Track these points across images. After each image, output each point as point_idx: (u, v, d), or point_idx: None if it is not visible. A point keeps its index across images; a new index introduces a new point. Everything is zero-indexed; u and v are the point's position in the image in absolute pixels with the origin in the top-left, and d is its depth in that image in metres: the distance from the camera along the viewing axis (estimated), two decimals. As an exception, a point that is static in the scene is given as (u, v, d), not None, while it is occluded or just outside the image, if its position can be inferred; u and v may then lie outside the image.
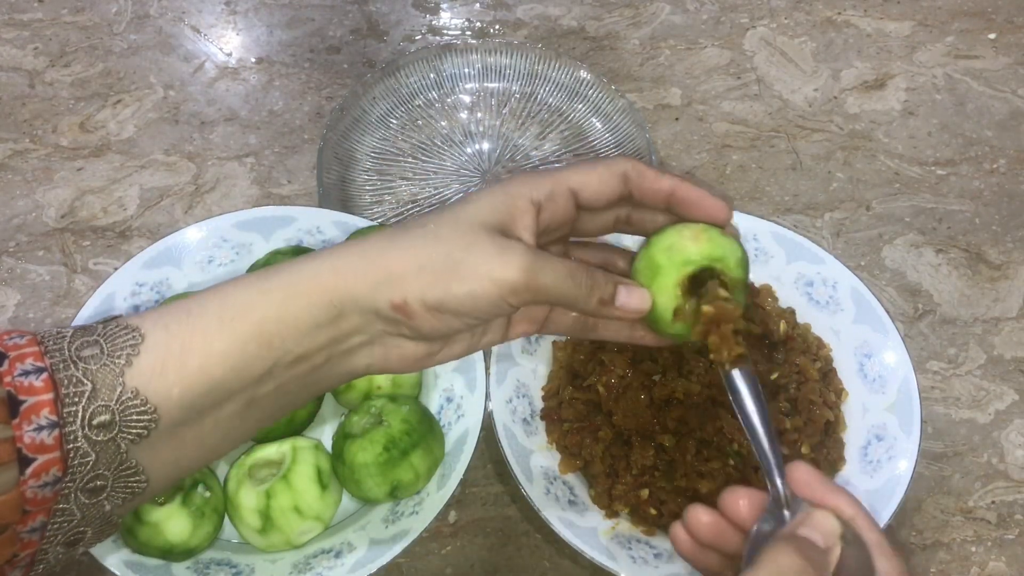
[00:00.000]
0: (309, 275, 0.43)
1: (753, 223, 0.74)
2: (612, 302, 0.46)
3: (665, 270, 0.46)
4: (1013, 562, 0.65)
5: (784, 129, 0.88)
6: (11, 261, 0.77)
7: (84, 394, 0.38)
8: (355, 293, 0.42)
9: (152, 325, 0.40)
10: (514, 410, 0.66)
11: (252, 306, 0.41)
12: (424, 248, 0.43)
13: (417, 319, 0.43)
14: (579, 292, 0.44)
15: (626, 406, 0.64)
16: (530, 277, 0.43)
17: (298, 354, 0.42)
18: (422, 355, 0.46)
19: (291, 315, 0.42)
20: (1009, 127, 0.88)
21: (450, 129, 0.86)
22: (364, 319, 0.43)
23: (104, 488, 0.39)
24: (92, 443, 0.38)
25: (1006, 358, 0.74)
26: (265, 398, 0.43)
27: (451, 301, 0.42)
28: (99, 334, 0.40)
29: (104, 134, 0.86)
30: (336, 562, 0.60)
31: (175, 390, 0.39)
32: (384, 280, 0.42)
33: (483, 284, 0.42)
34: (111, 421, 0.38)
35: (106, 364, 0.39)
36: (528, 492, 0.61)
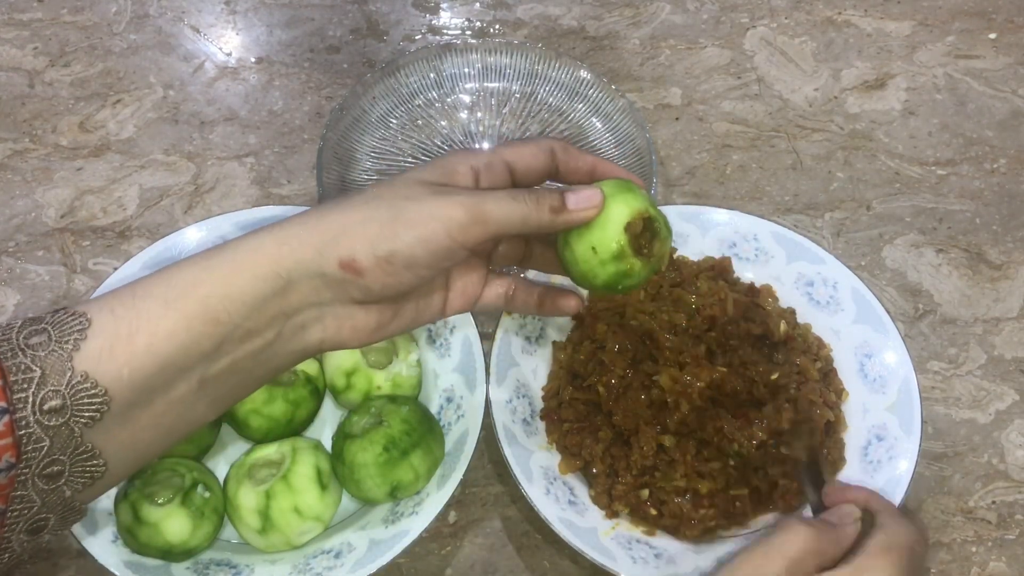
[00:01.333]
0: (252, 248, 0.43)
1: (753, 223, 0.74)
2: (563, 205, 0.47)
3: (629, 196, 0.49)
4: (1013, 562, 0.65)
5: (784, 129, 0.88)
6: (11, 261, 0.77)
7: (33, 380, 0.38)
8: (300, 257, 0.43)
9: (99, 310, 0.41)
10: (514, 410, 0.66)
11: (196, 283, 0.42)
12: (366, 206, 0.44)
13: (367, 275, 0.43)
14: (527, 208, 0.45)
15: (626, 406, 0.63)
16: (474, 208, 0.44)
17: (247, 328, 0.42)
18: (373, 325, 0.46)
19: (236, 289, 0.42)
20: (1009, 127, 0.88)
21: (450, 129, 0.86)
22: (312, 286, 0.43)
23: (62, 473, 0.40)
24: (45, 428, 0.38)
25: (1006, 358, 0.74)
26: (218, 377, 0.43)
27: (401, 248, 0.43)
28: (47, 322, 0.40)
29: (104, 134, 0.86)
30: (336, 562, 0.60)
31: (124, 371, 0.40)
32: (330, 240, 0.43)
33: (430, 226, 0.43)
34: (62, 405, 0.39)
35: (54, 350, 0.39)
36: (528, 492, 0.61)
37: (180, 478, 0.59)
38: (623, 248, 0.48)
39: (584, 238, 0.48)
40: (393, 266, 0.43)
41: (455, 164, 0.47)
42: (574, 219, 0.47)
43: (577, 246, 0.49)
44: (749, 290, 0.71)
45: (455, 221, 0.43)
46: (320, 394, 0.67)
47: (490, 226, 0.44)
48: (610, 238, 0.48)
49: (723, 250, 0.73)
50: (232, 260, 0.43)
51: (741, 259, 0.73)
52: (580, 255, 0.49)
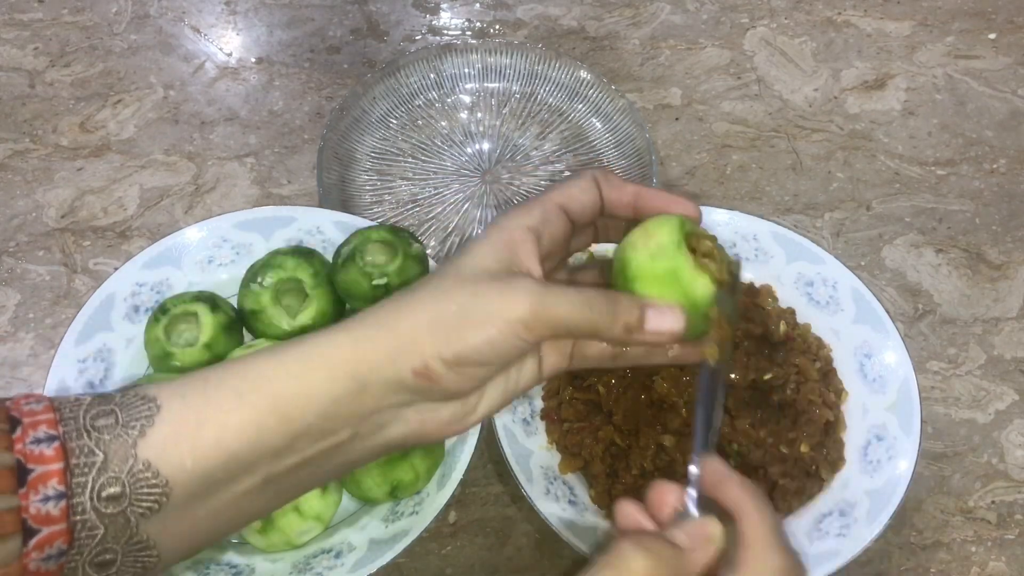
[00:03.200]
0: (327, 347, 0.41)
1: (753, 223, 0.74)
2: (641, 327, 0.43)
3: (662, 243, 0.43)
4: (1013, 562, 0.65)
5: (784, 129, 0.88)
6: (11, 261, 0.77)
7: (95, 465, 0.37)
8: (375, 364, 0.41)
9: (169, 396, 0.39)
10: (514, 410, 0.66)
11: (269, 378, 0.40)
12: (433, 305, 0.42)
13: (442, 380, 0.41)
14: (599, 319, 0.42)
15: (626, 406, 0.64)
16: (540, 308, 0.41)
17: (321, 428, 0.41)
18: (459, 415, 0.44)
19: (310, 388, 0.40)
20: (1009, 127, 0.88)
21: (450, 129, 0.86)
22: (389, 390, 0.41)
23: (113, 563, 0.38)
24: (101, 515, 0.37)
25: (1006, 358, 0.74)
26: (286, 474, 0.41)
27: (469, 351, 0.41)
28: (116, 403, 0.39)
29: (104, 134, 0.86)
30: (336, 562, 0.60)
31: (188, 462, 0.38)
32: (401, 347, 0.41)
33: (497, 326, 0.41)
34: (121, 493, 0.37)
35: (120, 435, 0.38)
36: (528, 492, 0.61)
37: (180, 478, 0.59)
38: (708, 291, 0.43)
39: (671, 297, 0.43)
40: (464, 367, 0.41)
41: (511, 231, 0.43)
42: (649, 342, 0.43)
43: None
44: (749, 290, 0.71)
45: (520, 321, 0.41)
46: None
47: (557, 328, 0.42)
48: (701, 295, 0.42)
49: (723, 250, 0.73)
50: (307, 358, 0.41)
51: (741, 259, 0.73)
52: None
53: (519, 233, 0.44)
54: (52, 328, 0.74)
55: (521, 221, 0.44)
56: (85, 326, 0.67)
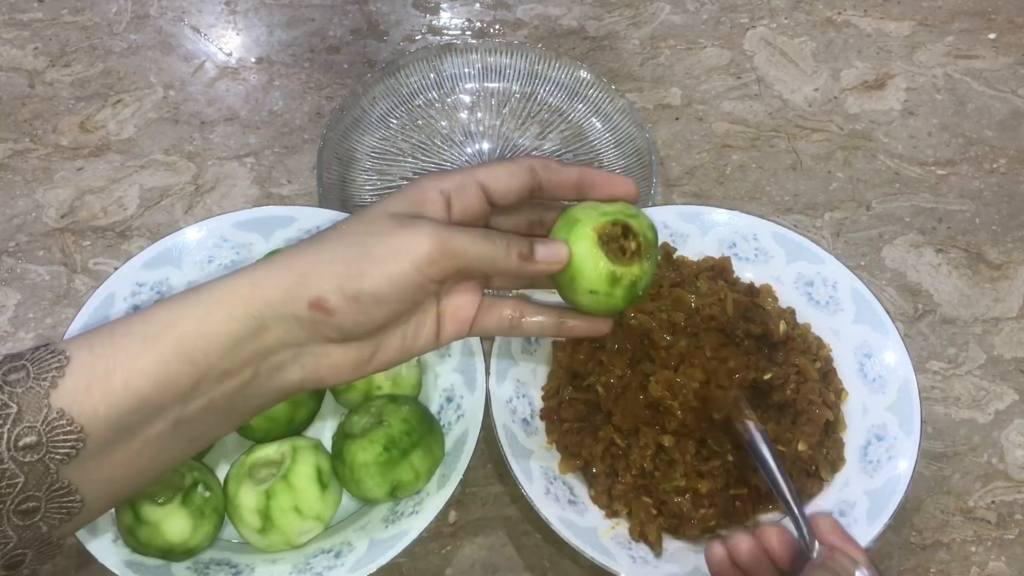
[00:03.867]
0: (227, 289, 0.43)
1: (753, 223, 0.74)
2: (531, 255, 0.47)
3: (582, 223, 0.48)
4: (1013, 562, 0.65)
5: (784, 129, 0.88)
6: (11, 261, 0.77)
7: (9, 416, 0.38)
8: (272, 299, 0.43)
9: (78, 348, 0.41)
10: (514, 410, 0.66)
11: (174, 323, 0.42)
12: (333, 244, 0.44)
13: (337, 314, 0.43)
14: (496, 250, 0.45)
15: (625, 406, 0.64)
16: (443, 243, 0.43)
17: (223, 369, 0.42)
18: (352, 362, 0.46)
19: (211, 329, 0.42)
20: (1009, 127, 0.88)
21: (450, 129, 0.86)
22: (285, 327, 0.43)
23: (37, 509, 0.40)
24: (20, 464, 0.38)
25: (1006, 358, 0.74)
26: (195, 416, 0.43)
27: (369, 285, 0.43)
28: (27, 359, 0.40)
29: (104, 134, 0.86)
30: (336, 562, 0.60)
31: (101, 408, 0.40)
32: (298, 281, 0.43)
33: (398, 261, 0.43)
34: (38, 442, 0.39)
35: (32, 387, 0.39)
36: (528, 492, 0.61)
37: (180, 478, 0.59)
38: (613, 271, 0.48)
39: (577, 287, 0.48)
40: (362, 304, 0.43)
41: (424, 189, 0.46)
42: (541, 270, 0.47)
43: (578, 297, 0.49)
44: (749, 290, 0.71)
45: (422, 254, 0.43)
46: (320, 394, 0.67)
47: (459, 260, 0.44)
48: (596, 274, 0.48)
49: (723, 250, 0.73)
50: (208, 301, 0.43)
51: (741, 259, 0.73)
52: (587, 302, 0.49)
53: (431, 192, 0.46)
54: (52, 328, 0.74)
55: (435, 183, 0.47)
56: (85, 326, 0.67)
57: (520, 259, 0.46)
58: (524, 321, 0.51)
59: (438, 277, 0.44)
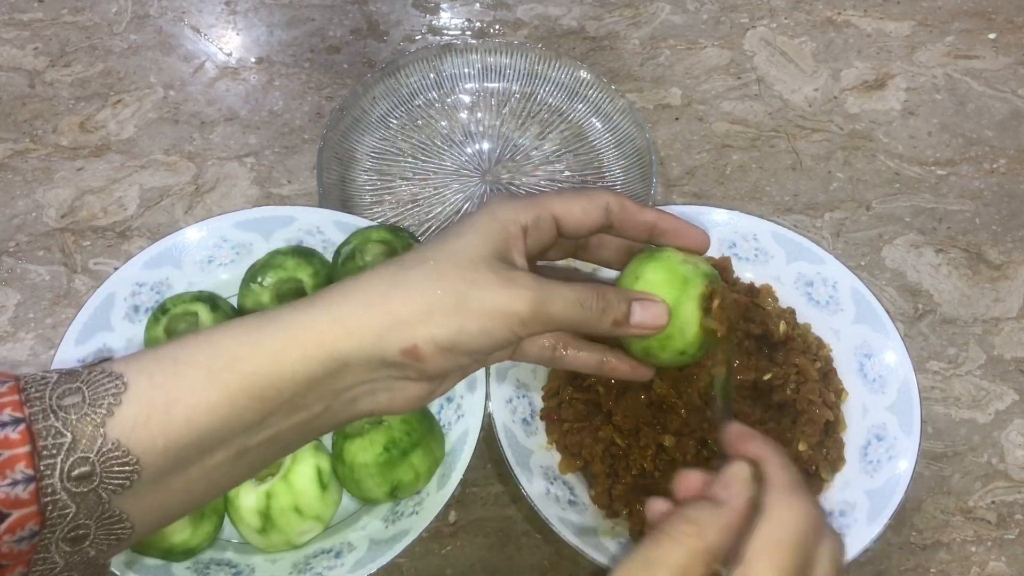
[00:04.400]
0: (306, 323, 0.41)
1: (753, 223, 0.74)
2: (627, 321, 0.45)
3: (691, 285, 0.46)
4: (1013, 562, 0.65)
5: (784, 129, 0.88)
6: (11, 261, 0.77)
7: (63, 446, 0.37)
8: (359, 343, 0.41)
9: (136, 373, 0.39)
10: (514, 410, 0.66)
11: (244, 357, 0.40)
12: (429, 288, 0.42)
13: (428, 361, 0.42)
14: (590, 316, 0.44)
15: (626, 406, 0.64)
16: (539, 307, 0.42)
17: (294, 405, 0.41)
18: (425, 394, 0.45)
19: (286, 368, 0.40)
20: (1009, 127, 0.88)
21: (450, 129, 0.86)
22: (368, 368, 0.42)
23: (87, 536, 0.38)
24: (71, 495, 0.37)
25: (1006, 358, 0.74)
26: (258, 447, 0.42)
27: (464, 339, 0.42)
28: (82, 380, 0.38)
29: (104, 134, 0.86)
30: (336, 562, 0.60)
31: (160, 441, 0.38)
32: (391, 326, 0.41)
33: (494, 319, 0.42)
34: (91, 472, 0.37)
35: (87, 414, 0.37)
36: (528, 492, 0.61)
37: (180, 478, 0.59)
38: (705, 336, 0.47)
39: (668, 348, 0.47)
40: (454, 354, 0.42)
41: (506, 224, 0.44)
42: (636, 335, 0.46)
43: (663, 355, 0.48)
44: (749, 290, 0.71)
45: (519, 317, 0.42)
46: (320, 394, 0.67)
47: (551, 325, 0.43)
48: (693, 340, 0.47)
49: (723, 250, 0.73)
50: (284, 336, 0.41)
51: (741, 259, 0.73)
52: (672, 361, 0.48)
53: (514, 228, 0.45)
54: (52, 328, 0.74)
55: (517, 217, 0.45)
56: (85, 326, 0.67)
57: (614, 326, 0.45)
58: (566, 353, 0.50)
59: (526, 336, 0.43)
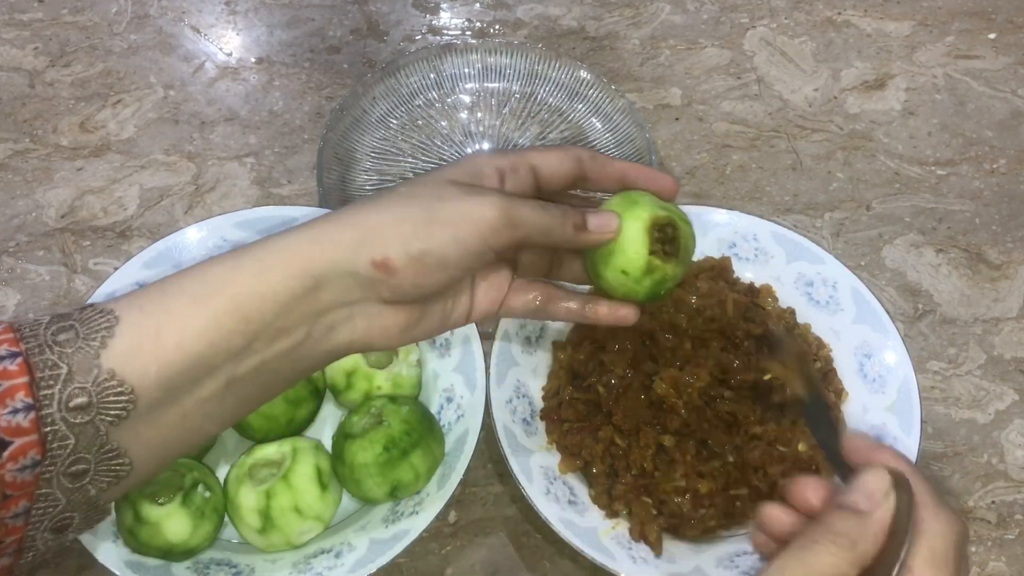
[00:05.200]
0: (283, 246, 0.43)
1: (753, 223, 0.74)
2: (584, 225, 0.48)
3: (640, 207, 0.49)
4: (1013, 562, 0.65)
5: (784, 129, 0.88)
6: (11, 261, 0.77)
7: (60, 377, 0.38)
8: (333, 257, 0.43)
9: (127, 307, 0.40)
10: (514, 410, 0.66)
11: (227, 281, 0.42)
12: (400, 205, 0.44)
13: (399, 274, 0.43)
14: (553, 220, 0.47)
15: (626, 406, 0.64)
16: (508, 212, 0.44)
17: (277, 327, 0.42)
18: (402, 326, 0.46)
19: (267, 288, 0.42)
20: (1009, 127, 0.88)
21: (450, 129, 0.86)
22: (343, 285, 0.43)
23: (87, 472, 0.39)
24: (70, 425, 0.38)
25: (1006, 358, 0.74)
26: (246, 376, 0.43)
27: (435, 247, 0.43)
28: (75, 319, 0.40)
29: (104, 134, 0.86)
30: (336, 562, 0.60)
31: (152, 369, 0.40)
32: (363, 239, 0.43)
33: (464, 226, 0.44)
34: (88, 403, 0.38)
35: (81, 347, 0.39)
36: (528, 492, 0.61)
37: (180, 478, 0.59)
38: (650, 261, 0.49)
39: (611, 263, 0.50)
40: (425, 265, 0.43)
41: (482, 165, 0.48)
42: (593, 240, 0.49)
43: (607, 272, 0.50)
44: (749, 290, 0.71)
45: (488, 222, 0.44)
46: (320, 394, 0.67)
47: (519, 230, 0.45)
48: (635, 257, 0.49)
49: (723, 250, 0.73)
50: (263, 258, 0.43)
51: (741, 259, 0.73)
52: (613, 280, 0.50)
53: (488, 168, 0.48)
54: (52, 328, 0.74)
55: (491, 160, 0.48)
56: (85, 326, 0.67)
57: (575, 229, 0.47)
58: (551, 305, 0.52)
59: (499, 246, 0.45)
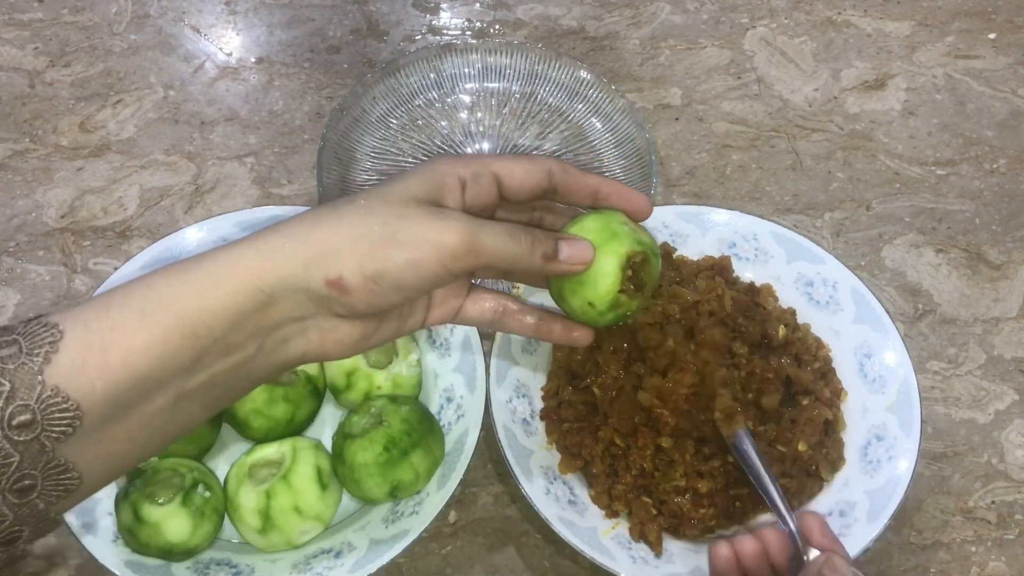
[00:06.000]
0: (232, 261, 0.42)
1: (753, 223, 0.74)
2: (555, 255, 0.46)
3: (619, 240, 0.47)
4: (1013, 562, 0.65)
5: (784, 129, 0.88)
6: (11, 261, 0.77)
7: (2, 394, 0.37)
8: (284, 274, 0.41)
9: (72, 321, 0.39)
10: (514, 410, 0.66)
11: (173, 296, 0.40)
12: (357, 221, 0.43)
13: (353, 294, 0.42)
14: (520, 249, 0.45)
15: (621, 409, 0.63)
16: (470, 239, 0.43)
17: (227, 343, 0.41)
18: (357, 338, 0.45)
19: (215, 304, 0.41)
20: (1009, 127, 0.88)
21: (450, 129, 0.86)
22: (295, 301, 0.42)
23: (34, 487, 0.39)
24: (14, 443, 0.37)
25: (1006, 358, 0.74)
26: (196, 391, 0.42)
27: (391, 270, 0.42)
28: (18, 332, 0.39)
29: (104, 134, 0.86)
30: (336, 562, 0.60)
31: (98, 385, 0.39)
32: (317, 256, 0.42)
33: (423, 250, 0.42)
34: (32, 420, 0.37)
35: (24, 363, 0.38)
36: (528, 492, 0.61)
37: (180, 478, 0.60)
38: (619, 297, 0.48)
39: (579, 294, 0.48)
40: (380, 287, 0.42)
41: (443, 175, 0.45)
42: (563, 270, 0.47)
43: (573, 301, 0.48)
44: (749, 289, 0.71)
45: (448, 248, 0.42)
46: (320, 394, 0.67)
47: (482, 258, 0.43)
48: (605, 292, 0.47)
49: (723, 250, 0.73)
50: (212, 273, 0.41)
51: (741, 259, 0.73)
52: (578, 309, 0.49)
53: (450, 179, 0.45)
54: (52, 328, 0.74)
55: (454, 169, 0.46)
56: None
57: (543, 259, 0.46)
58: (508, 319, 0.50)
59: (459, 272, 0.43)
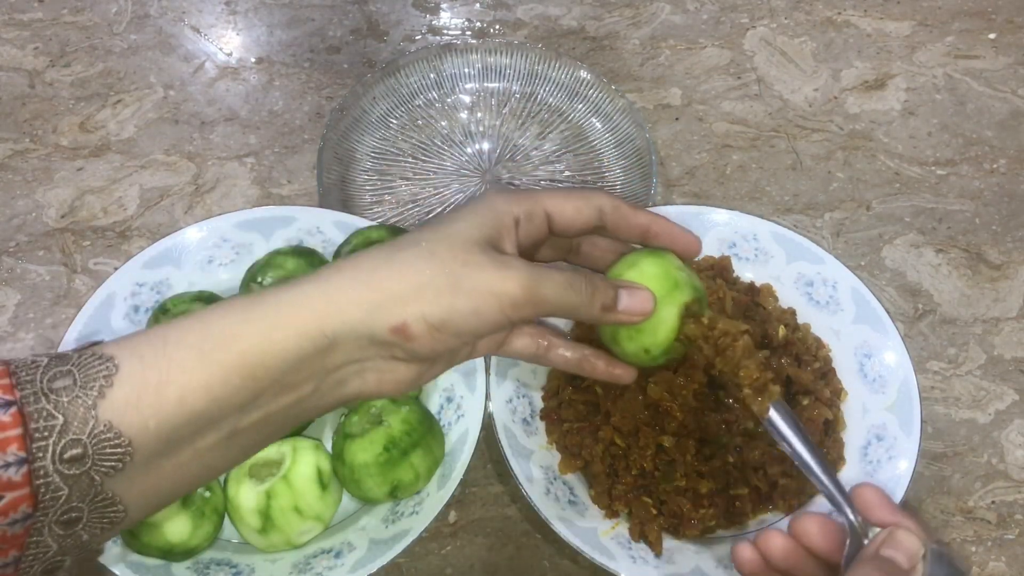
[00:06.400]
0: (296, 302, 0.41)
1: (753, 223, 0.74)
2: (614, 306, 0.46)
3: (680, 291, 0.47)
4: (1013, 562, 0.65)
5: (784, 129, 0.88)
6: (11, 261, 0.77)
7: (55, 428, 0.37)
8: (348, 319, 0.41)
9: (128, 355, 0.39)
10: (514, 410, 0.66)
11: (234, 336, 0.40)
12: (421, 267, 0.42)
13: (416, 341, 0.42)
14: (580, 299, 0.45)
15: (624, 407, 0.63)
16: (532, 289, 0.43)
17: (284, 384, 0.41)
18: (413, 376, 0.45)
19: (277, 346, 0.40)
20: (1009, 127, 0.88)
21: (450, 129, 0.86)
22: (357, 345, 0.42)
23: (80, 520, 0.38)
24: (64, 477, 0.37)
25: (1006, 358, 0.74)
26: (249, 428, 0.42)
27: (455, 319, 0.42)
28: (73, 363, 0.38)
29: (104, 134, 0.86)
30: (336, 562, 0.60)
31: (151, 422, 0.38)
32: (381, 302, 0.41)
33: (486, 300, 0.42)
34: (83, 455, 0.37)
35: (78, 395, 0.37)
36: (528, 492, 0.61)
37: (180, 478, 0.59)
38: (674, 345, 0.48)
39: (636, 340, 0.48)
40: (442, 334, 0.42)
41: (501, 215, 0.45)
42: (621, 320, 0.47)
43: (628, 345, 0.48)
44: (749, 289, 0.71)
45: (510, 298, 0.42)
46: (320, 394, 0.67)
47: (542, 308, 0.44)
48: (663, 340, 0.48)
49: (723, 250, 0.73)
50: (274, 314, 0.41)
51: (741, 259, 0.73)
52: (632, 353, 0.49)
53: (507, 219, 0.45)
54: (52, 328, 0.74)
55: (511, 208, 0.46)
56: (85, 326, 0.67)
57: (602, 310, 0.46)
58: (551, 353, 0.50)
59: (519, 320, 0.44)
